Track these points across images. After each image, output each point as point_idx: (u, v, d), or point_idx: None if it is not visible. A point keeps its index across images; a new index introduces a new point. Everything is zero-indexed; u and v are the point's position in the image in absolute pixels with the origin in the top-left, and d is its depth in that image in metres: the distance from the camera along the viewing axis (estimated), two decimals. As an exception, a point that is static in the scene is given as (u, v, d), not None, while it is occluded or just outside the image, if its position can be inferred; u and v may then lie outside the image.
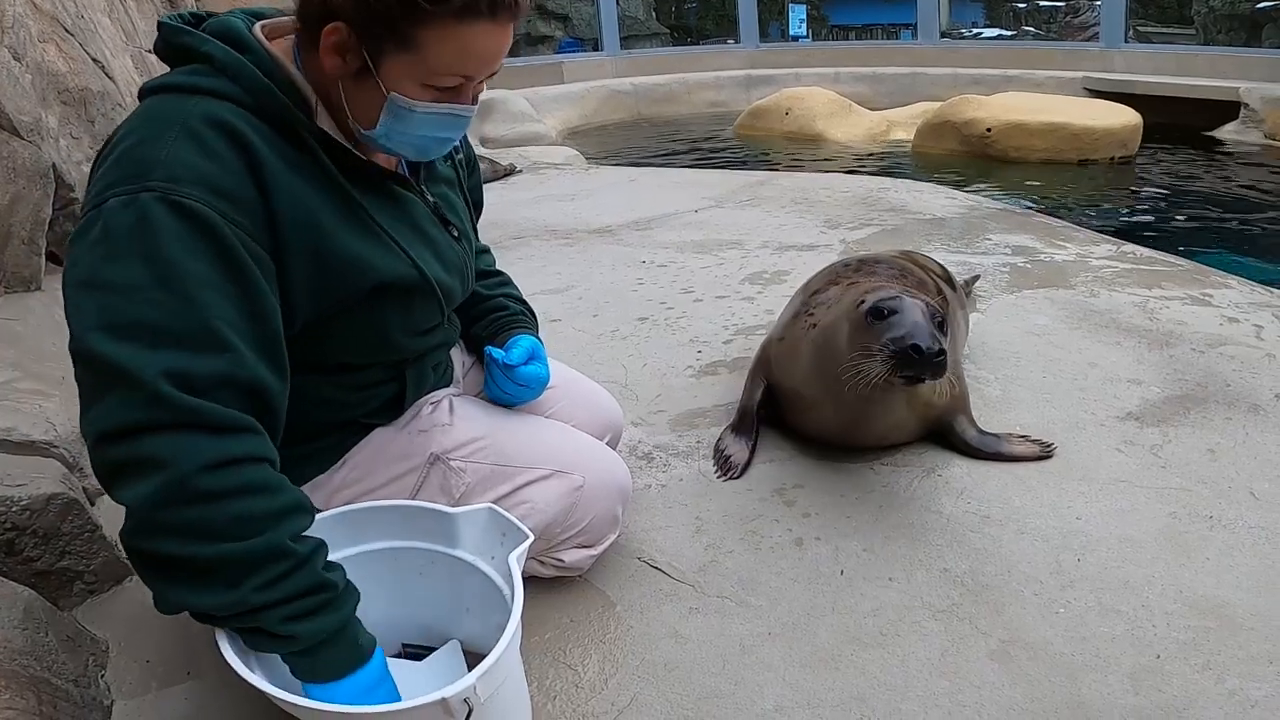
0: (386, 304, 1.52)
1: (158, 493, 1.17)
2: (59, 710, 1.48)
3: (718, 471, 2.41)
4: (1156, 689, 1.64)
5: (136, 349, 1.18)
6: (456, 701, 1.22)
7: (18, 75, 3.04)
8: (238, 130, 1.31)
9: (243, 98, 1.33)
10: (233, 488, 1.20)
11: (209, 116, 1.29)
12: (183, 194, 1.23)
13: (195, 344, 1.22)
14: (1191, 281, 3.78)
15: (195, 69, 1.36)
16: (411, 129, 1.43)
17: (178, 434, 1.18)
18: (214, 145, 1.28)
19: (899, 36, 15.44)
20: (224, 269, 1.26)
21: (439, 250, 1.63)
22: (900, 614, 1.87)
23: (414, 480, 1.72)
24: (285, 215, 1.34)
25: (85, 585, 1.95)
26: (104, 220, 1.23)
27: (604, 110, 12.66)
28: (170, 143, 1.26)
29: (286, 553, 1.24)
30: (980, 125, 8.57)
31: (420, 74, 1.37)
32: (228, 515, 1.20)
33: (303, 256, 1.37)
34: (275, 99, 1.35)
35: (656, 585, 1.98)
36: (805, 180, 6.46)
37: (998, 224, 4.89)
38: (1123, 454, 2.43)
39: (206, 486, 1.18)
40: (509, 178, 6.90)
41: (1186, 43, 12.19)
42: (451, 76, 1.39)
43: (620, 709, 1.65)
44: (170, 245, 1.22)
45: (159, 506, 1.18)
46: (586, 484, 1.81)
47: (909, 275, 2.66)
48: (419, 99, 1.39)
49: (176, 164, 1.24)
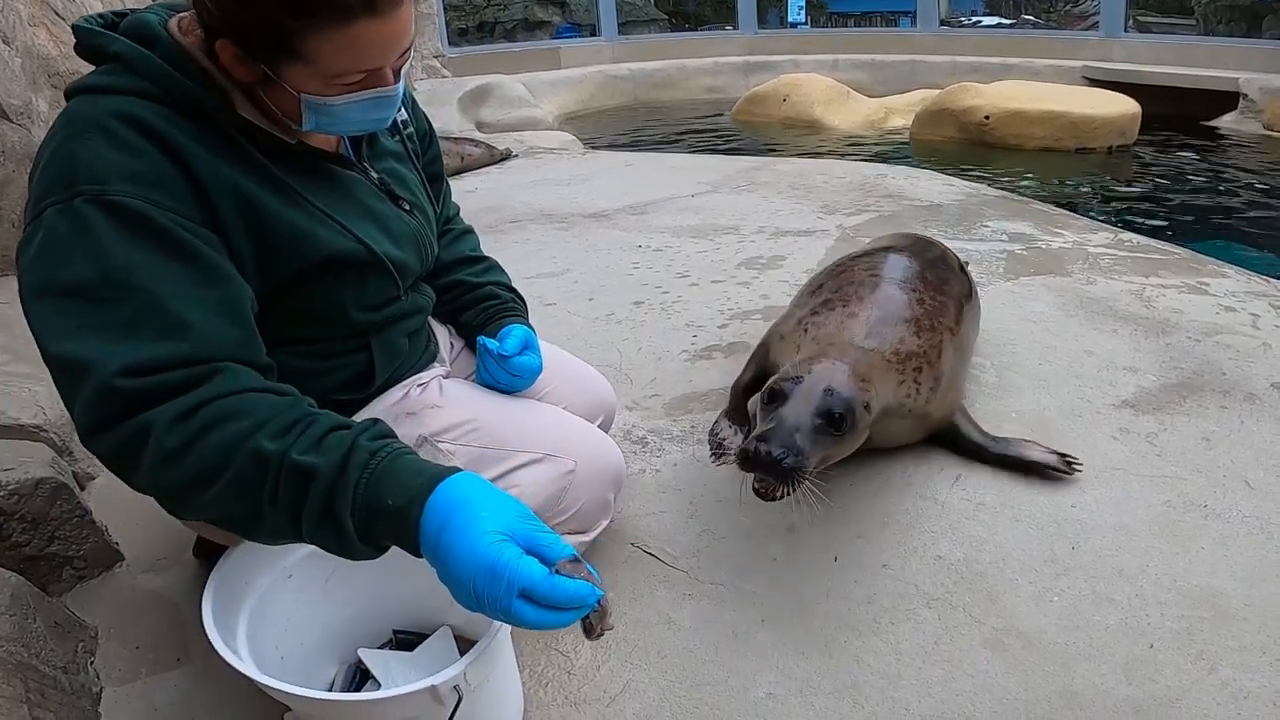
0: (339, 279, 1.51)
1: (149, 467, 1.19)
2: (47, 697, 1.47)
3: (712, 456, 2.40)
4: (1150, 679, 1.64)
5: (96, 347, 1.20)
6: (446, 689, 1.21)
7: (7, 59, 3.02)
8: (147, 121, 1.30)
9: (152, 91, 1.33)
10: (197, 431, 1.19)
11: (117, 112, 1.29)
12: (112, 192, 1.24)
13: (152, 332, 1.22)
14: (1188, 270, 3.77)
15: (108, 68, 1.36)
16: (338, 118, 1.42)
17: (140, 415, 1.19)
18: (128, 139, 1.28)
19: (898, 24, 15.37)
20: (167, 253, 1.27)
21: (387, 225, 1.61)
22: (894, 601, 1.86)
23: None
24: (216, 194, 1.34)
25: (74, 570, 1.94)
26: (44, 230, 1.24)
27: (601, 95, 12.62)
28: (89, 144, 1.27)
29: (265, 458, 1.19)
30: (979, 113, 8.55)
31: (321, 77, 1.35)
32: (208, 457, 1.19)
33: (243, 232, 1.37)
34: (186, 90, 1.34)
35: (649, 571, 1.98)
36: (802, 166, 6.43)
37: (995, 211, 4.87)
38: (1118, 442, 2.42)
39: (175, 443, 1.18)
40: (505, 162, 6.87)
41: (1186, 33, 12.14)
42: (353, 74, 1.36)
43: (612, 696, 1.65)
44: (111, 243, 1.23)
45: (158, 476, 1.19)
46: (578, 468, 1.79)
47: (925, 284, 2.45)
48: (332, 94, 1.38)
49: (99, 164, 1.25)
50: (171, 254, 1.27)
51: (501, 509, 1.14)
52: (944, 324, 2.36)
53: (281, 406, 1.24)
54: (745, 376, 2.56)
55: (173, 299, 1.25)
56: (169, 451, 1.17)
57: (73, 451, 2.24)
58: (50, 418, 2.17)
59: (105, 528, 2.02)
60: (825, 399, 1.90)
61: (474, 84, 10.34)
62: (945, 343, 2.32)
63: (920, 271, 2.51)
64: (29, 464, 1.89)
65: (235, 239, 1.37)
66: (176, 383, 1.21)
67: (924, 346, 2.24)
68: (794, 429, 1.81)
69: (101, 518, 2.04)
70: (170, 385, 1.21)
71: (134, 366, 1.19)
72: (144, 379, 1.19)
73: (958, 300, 2.53)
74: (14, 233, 2.91)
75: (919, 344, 2.23)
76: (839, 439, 1.91)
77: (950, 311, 2.44)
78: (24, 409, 2.13)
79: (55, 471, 1.92)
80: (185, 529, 2.02)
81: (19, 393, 2.18)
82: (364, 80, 1.38)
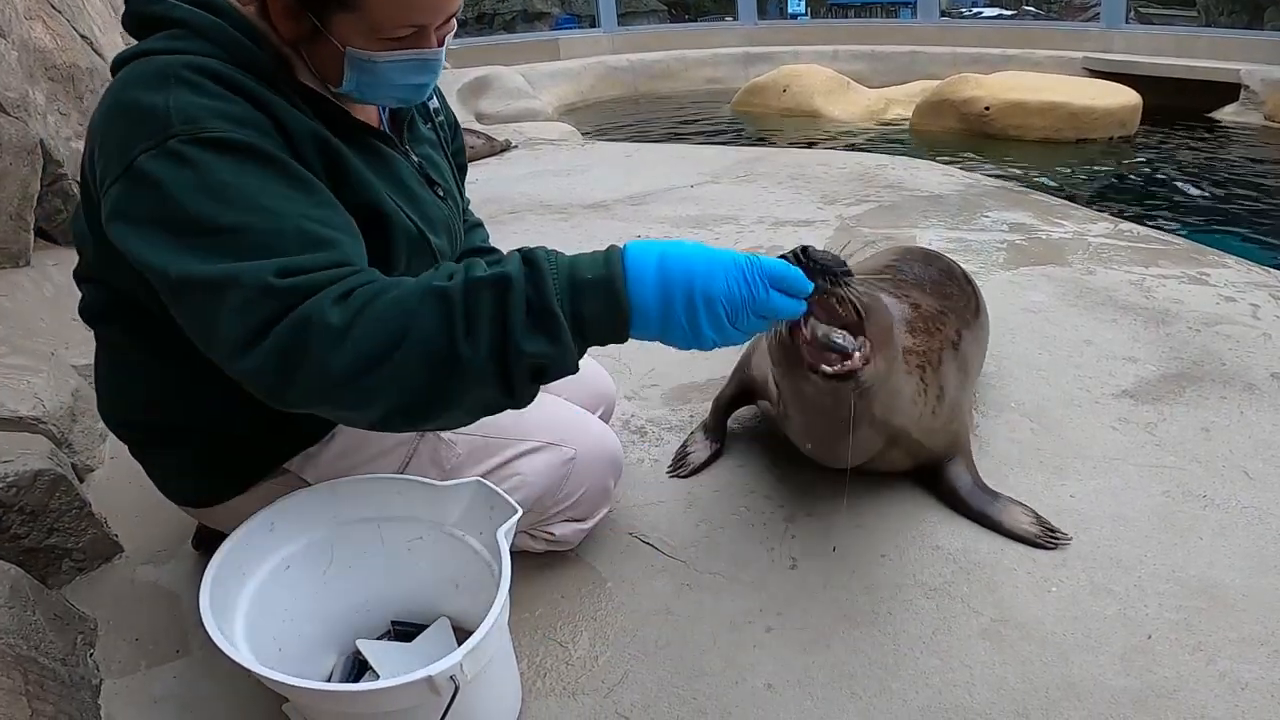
0: (388, 250, 1.49)
1: (319, 357, 1.14)
2: (46, 689, 1.47)
3: (669, 468, 2.32)
4: (1147, 670, 1.64)
5: (238, 265, 1.16)
6: (442, 679, 1.21)
7: (4, 52, 3.01)
8: (225, 73, 1.29)
9: (219, 54, 1.31)
10: (362, 303, 1.16)
11: (193, 65, 1.27)
12: (211, 129, 1.21)
13: (294, 245, 1.20)
14: (1189, 260, 3.76)
15: (170, 34, 1.33)
16: (379, 79, 1.41)
17: (298, 310, 1.15)
18: (211, 88, 1.26)
19: (898, 15, 15.31)
20: (278, 176, 1.25)
21: (425, 208, 1.61)
22: (892, 592, 1.86)
23: (404, 452, 1.71)
24: (300, 140, 1.33)
25: (73, 563, 1.94)
26: (140, 177, 1.21)
27: (600, 87, 12.58)
28: (170, 93, 1.24)
29: (445, 293, 1.17)
30: (979, 104, 8.53)
31: (368, 29, 1.34)
32: (384, 320, 1.15)
33: (322, 171, 1.36)
34: (253, 55, 1.34)
35: (648, 561, 1.98)
36: (802, 156, 6.42)
37: (995, 201, 4.86)
38: (1117, 432, 2.42)
39: (342, 319, 1.15)
40: (504, 153, 6.85)
41: (1188, 24, 12.09)
42: (402, 27, 1.36)
43: (611, 686, 1.65)
44: (220, 173, 1.20)
45: (330, 361, 1.14)
46: (578, 456, 1.80)
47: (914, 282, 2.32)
48: (377, 51, 1.37)
49: (189, 107, 1.22)
50: (285, 179, 1.26)
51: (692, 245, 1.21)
52: (944, 334, 2.18)
53: (429, 274, 1.22)
54: (727, 392, 2.44)
55: (302, 218, 1.23)
56: (337, 329, 1.13)
57: (71, 444, 2.24)
58: (49, 410, 2.16)
59: (104, 520, 2.02)
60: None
61: (473, 75, 10.30)
62: (946, 354, 2.13)
63: (921, 279, 2.39)
64: (27, 456, 1.89)
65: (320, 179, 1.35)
66: (329, 279, 1.18)
67: (922, 347, 2.06)
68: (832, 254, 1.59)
69: (100, 510, 2.04)
70: (324, 280, 1.18)
71: (287, 268, 1.16)
72: (298, 277, 1.16)
73: (959, 314, 2.33)
74: (12, 226, 2.90)
75: (914, 343, 2.05)
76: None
77: (951, 324, 2.24)
78: (22, 401, 2.13)
79: (54, 463, 1.92)
80: (184, 520, 2.02)
81: (17, 385, 2.17)
82: (409, 39, 1.37)
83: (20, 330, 2.48)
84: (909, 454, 2.10)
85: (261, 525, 1.52)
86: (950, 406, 2.12)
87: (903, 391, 1.97)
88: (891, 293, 2.16)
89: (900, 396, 1.96)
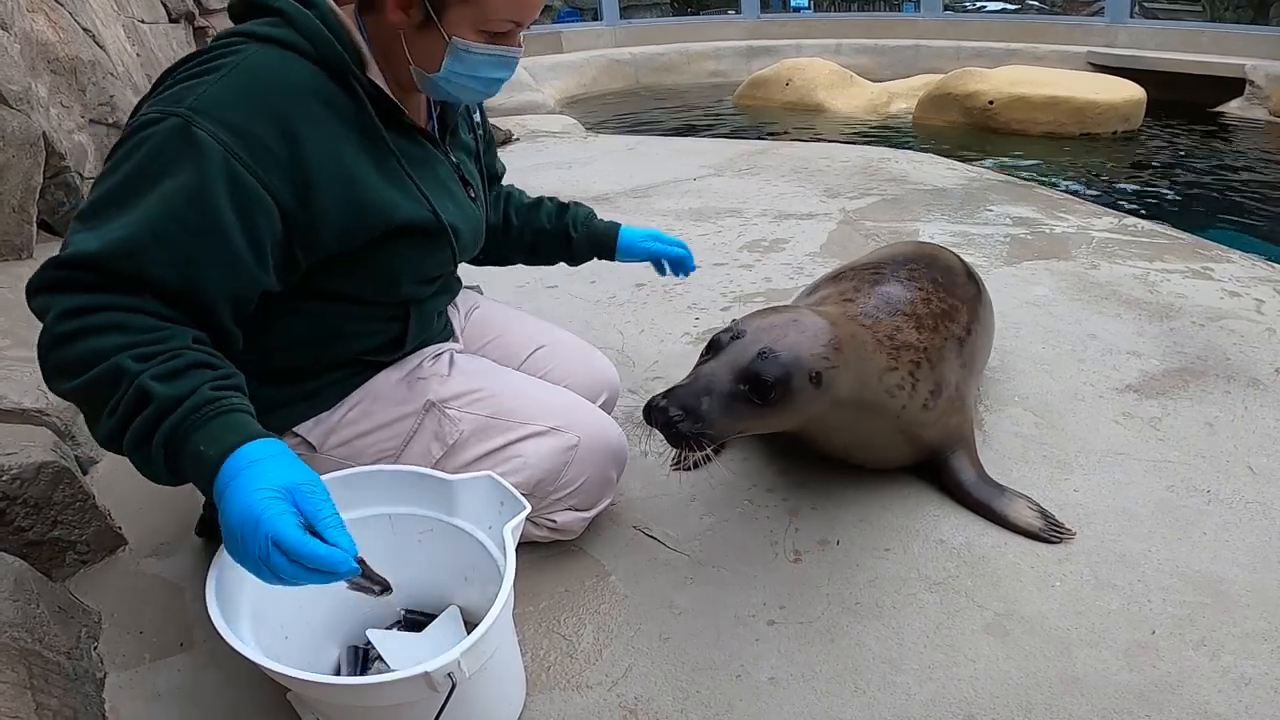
0: (405, 247, 1.62)
1: (41, 339, 1.27)
2: (50, 683, 1.47)
3: (671, 463, 2.29)
4: (1151, 665, 1.63)
5: (79, 229, 1.30)
6: (439, 675, 1.21)
7: (6, 45, 3.01)
8: (286, 81, 1.42)
9: (305, 48, 1.47)
10: (79, 330, 1.25)
11: (263, 65, 1.42)
12: (199, 123, 1.32)
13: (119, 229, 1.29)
14: (1193, 255, 3.75)
15: (270, 20, 1.49)
16: (471, 70, 1.57)
17: (49, 295, 1.28)
18: (249, 96, 1.38)
19: (901, 9, 15.25)
20: (199, 187, 1.32)
21: (459, 204, 1.75)
22: (896, 586, 1.86)
23: (410, 425, 1.76)
24: (316, 165, 1.44)
25: (77, 555, 1.94)
26: (133, 126, 1.35)
27: (603, 79, 12.55)
28: (217, 81, 1.37)
29: (122, 374, 1.23)
30: (982, 98, 8.50)
31: (478, 21, 1.52)
32: (81, 358, 1.24)
33: (335, 201, 1.47)
34: (334, 51, 1.48)
35: (652, 555, 1.98)
36: (805, 150, 6.40)
37: (999, 195, 4.86)
38: (1121, 426, 2.42)
39: (61, 330, 1.25)
40: (507, 146, 6.84)
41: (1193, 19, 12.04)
42: (505, 22, 1.54)
43: (614, 680, 1.65)
44: (157, 162, 1.31)
45: (41, 350, 1.27)
46: (581, 444, 1.83)
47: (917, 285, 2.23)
48: (476, 42, 1.54)
49: (210, 101, 1.34)
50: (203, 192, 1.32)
51: (290, 471, 1.18)
52: (951, 330, 2.17)
53: (164, 336, 1.28)
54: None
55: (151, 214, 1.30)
56: (56, 336, 1.25)
57: (75, 436, 2.24)
58: (52, 402, 2.16)
59: (108, 512, 2.02)
60: (756, 362, 1.69)
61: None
62: (950, 350, 2.13)
63: (929, 274, 2.32)
64: (31, 448, 1.89)
65: (324, 208, 1.46)
66: (82, 279, 1.28)
67: (924, 343, 2.05)
68: (705, 390, 1.66)
69: (104, 502, 2.04)
70: (79, 279, 1.27)
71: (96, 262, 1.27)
72: (77, 257, 1.27)
73: (969, 306, 2.32)
74: (14, 218, 2.90)
75: (919, 339, 2.05)
76: (761, 409, 1.71)
77: (960, 319, 2.23)
78: (26, 393, 2.13)
79: (57, 456, 1.92)
80: (188, 512, 2.02)
81: (21, 377, 2.17)
82: (504, 36, 1.56)
83: (24, 322, 2.48)
84: (909, 442, 2.10)
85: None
86: (953, 398, 2.12)
87: (894, 385, 1.98)
88: (905, 290, 2.19)
89: (890, 393, 1.97)
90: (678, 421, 1.62)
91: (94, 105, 3.68)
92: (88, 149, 3.57)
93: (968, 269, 2.51)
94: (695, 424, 1.63)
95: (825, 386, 1.78)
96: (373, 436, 1.75)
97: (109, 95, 3.75)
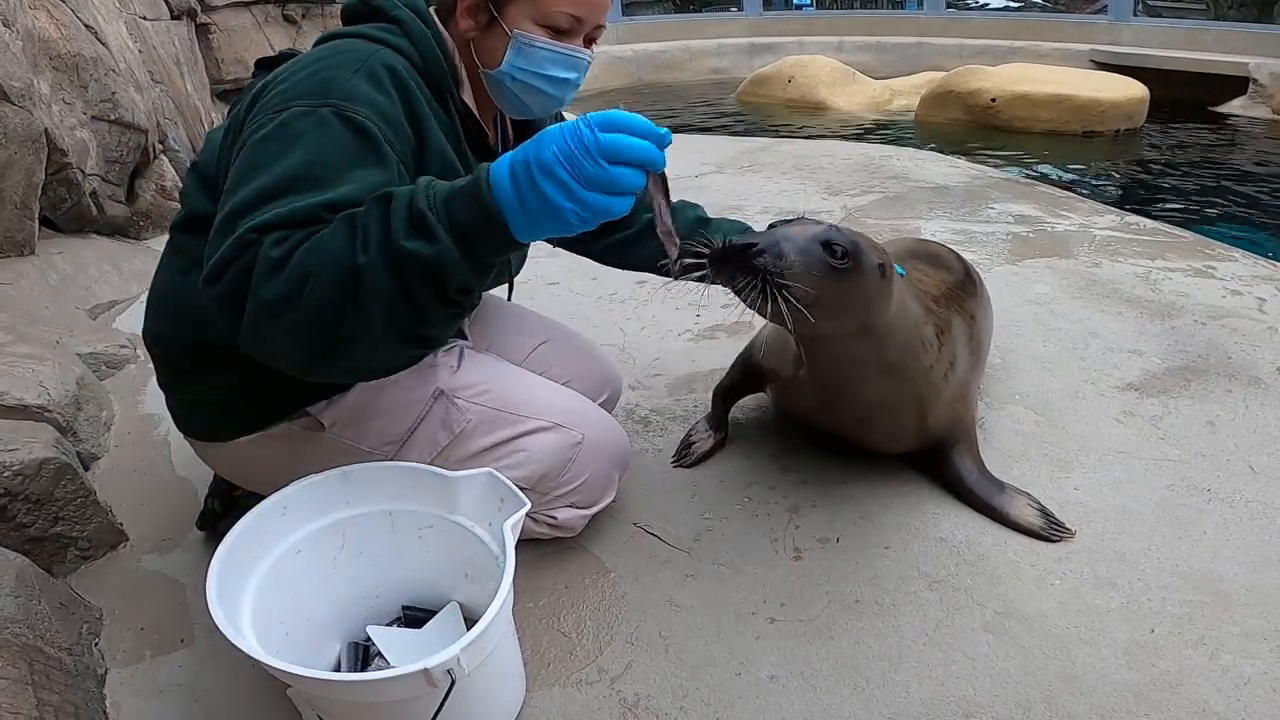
0: None
1: (256, 297, 1.24)
2: (51, 679, 1.47)
3: (674, 458, 2.33)
4: (1150, 663, 1.64)
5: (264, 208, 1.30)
6: (439, 672, 1.21)
7: (8, 41, 3.01)
8: (408, 83, 1.52)
9: (418, 61, 1.56)
10: (297, 242, 1.25)
11: (388, 64, 1.50)
12: (357, 111, 1.40)
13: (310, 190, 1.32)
14: (1195, 253, 3.75)
15: (386, 27, 1.59)
16: (534, 66, 1.65)
17: (250, 249, 1.26)
18: (387, 87, 1.48)
19: (904, 6, 15.25)
20: (376, 162, 1.40)
21: None
22: (896, 583, 1.86)
23: (418, 411, 1.77)
24: (431, 154, 1.54)
25: (79, 552, 1.95)
26: (281, 122, 1.38)
27: (605, 77, 12.54)
28: (352, 76, 1.45)
29: (352, 219, 1.26)
30: (985, 95, 8.51)
31: (535, 14, 1.60)
32: (304, 255, 1.24)
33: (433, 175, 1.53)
34: (440, 67, 1.59)
35: (652, 552, 1.98)
36: (807, 147, 6.40)
37: (1001, 193, 4.85)
38: (1122, 424, 2.41)
39: (279, 254, 1.24)
40: (509, 145, 6.84)
41: (1196, 17, 12.03)
42: (564, 16, 1.61)
43: (614, 677, 1.65)
44: (332, 146, 1.36)
45: (263, 301, 1.23)
46: (585, 441, 1.84)
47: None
48: (538, 35, 1.61)
49: (355, 91, 1.43)
50: (380, 165, 1.40)
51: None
52: (963, 310, 2.21)
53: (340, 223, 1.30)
54: (727, 381, 2.41)
55: (355, 182, 1.34)
56: (273, 260, 1.23)
57: (76, 432, 2.24)
58: (54, 398, 2.17)
59: (109, 508, 2.03)
60: (829, 231, 1.66)
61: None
62: (961, 331, 2.14)
63: (930, 263, 2.37)
64: (33, 445, 1.90)
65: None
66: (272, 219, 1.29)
67: (944, 314, 2.08)
68: (784, 238, 1.60)
69: (105, 498, 2.04)
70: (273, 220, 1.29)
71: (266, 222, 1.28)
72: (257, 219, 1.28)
73: (971, 302, 2.34)
74: (16, 214, 2.90)
75: (939, 310, 2.08)
76: (834, 273, 1.63)
77: (965, 309, 2.25)
78: (28, 390, 2.13)
79: (59, 452, 1.93)
80: (189, 508, 2.03)
81: (23, 373, 2.18)
82: (567, 34, 1.64)
83: (26, 319, 2.49)
84: (918, 420, 2.07)
85: (274, 508, 1.52)
86: (961, 382, 2.12)
87: (916, 344, 1.95)
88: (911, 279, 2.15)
89: (913, 349, 1.94)
90: (758, 254, 1.55)
91: (96, 102, 3.68)
92: (89, 145, 3.57)
93: (968, 268, 2.51)
94: (777, 260, 1.56)
95: (888, 281, 1.77)
96: (381, 420, 1.76)
97: (111, 92, 3.75)
